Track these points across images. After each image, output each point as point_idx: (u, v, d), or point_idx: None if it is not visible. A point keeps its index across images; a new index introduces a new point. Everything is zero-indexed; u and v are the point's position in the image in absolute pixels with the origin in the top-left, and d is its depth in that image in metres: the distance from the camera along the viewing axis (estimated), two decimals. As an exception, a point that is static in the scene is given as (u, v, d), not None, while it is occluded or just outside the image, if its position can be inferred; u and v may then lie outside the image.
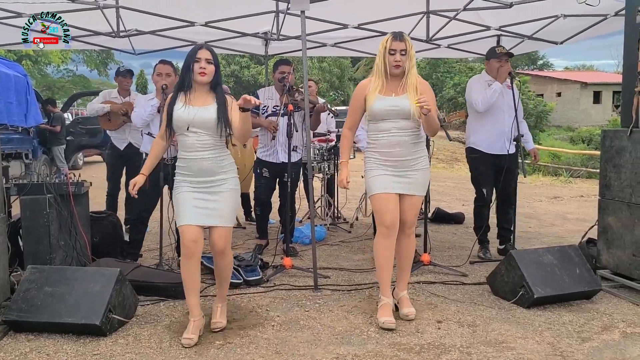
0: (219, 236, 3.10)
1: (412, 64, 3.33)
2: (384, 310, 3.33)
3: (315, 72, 30.65)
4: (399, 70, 3.31)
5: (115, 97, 5.76)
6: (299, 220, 6.68)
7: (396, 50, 3.28)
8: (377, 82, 3.36)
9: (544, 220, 7.12)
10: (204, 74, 3.04)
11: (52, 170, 10.80)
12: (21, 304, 3.10)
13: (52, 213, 3.84)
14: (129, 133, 5.61)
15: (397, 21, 5.52)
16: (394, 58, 3.29)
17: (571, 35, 5.80)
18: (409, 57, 3.30)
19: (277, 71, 4.84)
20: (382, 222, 3.33)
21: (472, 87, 4.79)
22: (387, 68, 3.31)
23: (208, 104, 3.07)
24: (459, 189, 10.42)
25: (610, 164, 3.95)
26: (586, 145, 24.42)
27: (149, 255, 4.91)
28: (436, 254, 4.94)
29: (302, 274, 4.33)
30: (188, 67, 3.06)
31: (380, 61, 3.34)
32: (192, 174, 3.07)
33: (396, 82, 3.36)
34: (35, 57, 21.92)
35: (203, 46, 3.11)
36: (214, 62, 3.08)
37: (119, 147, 5.67)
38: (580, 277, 3.66)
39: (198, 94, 3.10)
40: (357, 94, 3.47)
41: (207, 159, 3.05)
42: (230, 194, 3.13)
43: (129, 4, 4.84)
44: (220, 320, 3.24)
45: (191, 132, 3.03)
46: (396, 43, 3.28)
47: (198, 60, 3.04)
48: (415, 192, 3.40)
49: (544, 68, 46.89)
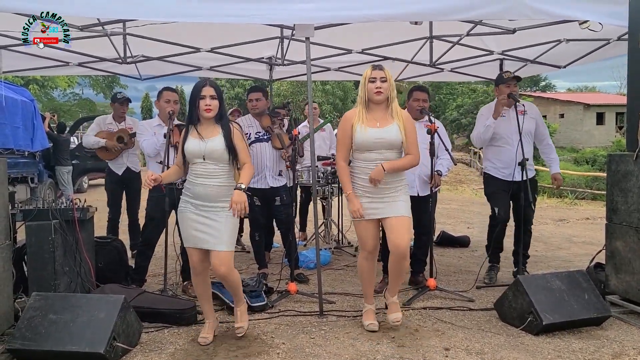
0: (220, 261, 3.24)
1: (394, 94, 3.50)
2: (367, 315, 3.73)
3: (319, 94, 30.90)
4: (381, 97, 3.46)
5: (110, 123, 5.78)
6: (304, 244, 6.65)
7: (376, 78, 3.45)
8: (361, 112, 3.51)
9: (550, 244, 7.07)
10: (209, 110, 3.25)
11: (57, 193, 10.83)
12: (25, 332, 3.08)
13: (57, 239, 3.83)
14: (127, 158, 5.68)
15: (401, 46, 5.58)
16: (374, 85, 3.45)
17: (574, 59, 5.83)
18: (390, 85, 3.46)
19: (247, 99, 4.95)
20: (364, 247, 3.64)
21: (478, 119, 4.88)
22: (369, 96, 3.47)
23: (215, 136, 3.28)
24: (463, 212, 10.39)
25: (617, 188, 3.93)
26: (590, 166, 24.39)
27: (153, 281, 4.89)
28: (442, 279, 4.90)
29: (307, 299, 4.29)
30: (194, 103, 3.27)
31: (362, 91, 3.52)
32: (194, 197, 3.29)
33: (380, 111, 3.52)
34: (42, 81, 22.18)
35: (207, 83, 3.29)
36: (218, 96, 3.29)
37: (116, 172, 5.70)
38: (589, 303, 3.62)
39: (205, 126, 3.32)
40: (344, 125, 3.57)
41: (211, 186, 3.26)
42: (227, 220, 3.26)
43: (135, 31, 4.90)
44: (241, 325, 3.48)
45: (203, 162, 3.26)
46: (376, 72, 3.46)
47: (203, 97, 3.25)
48: (396, 214, 3.50)
49: (547, 89, 47.16)
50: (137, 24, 4.62)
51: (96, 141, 5.60)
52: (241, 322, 3.50)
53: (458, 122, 32.22)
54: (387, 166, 3.43)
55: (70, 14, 3.39)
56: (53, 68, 5.97)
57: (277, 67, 6.39)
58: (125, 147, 5.61)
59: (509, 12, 3.67)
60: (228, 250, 3.26)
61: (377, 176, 3.41)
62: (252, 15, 3.53)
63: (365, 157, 3.51)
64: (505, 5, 3.61)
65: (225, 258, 3.24)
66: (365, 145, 3.48)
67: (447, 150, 4.52)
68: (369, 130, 3.45)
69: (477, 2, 3.62)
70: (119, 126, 5.74)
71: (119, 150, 5.59)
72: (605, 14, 3.81)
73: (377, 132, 3.46)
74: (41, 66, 5.84)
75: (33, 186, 10.06)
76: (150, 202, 4.46)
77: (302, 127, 6.62)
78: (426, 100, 4.54)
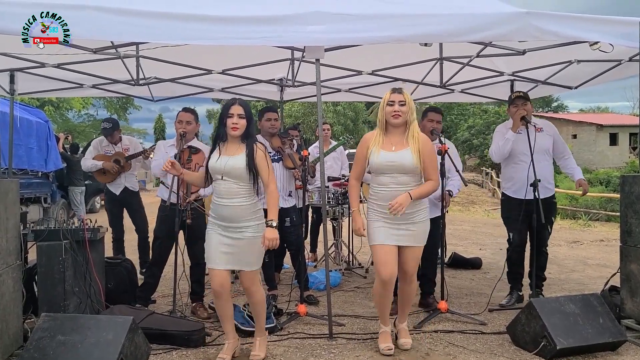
0: (245, 279, 3.42)
1: (413, 117, 3.49)
2: (383, 337, 3.64)
3: (330, 115, 31.03)
4: (399, 121, 3.46)
5: (106, 146, 5.91)
6: (314, 265, 6.61)
7: (395, 102, 3.46)
8: (379, 135, 3.54)
9: (564, 266, 6.97)
10: (235, 128, 3.29)
11: (69, 214, 10.90)
12: (33, 353, 3.07)
13: (67, 259, 3.85)
14: (125, 178, 5.78)
15: (411, 67, 5.59)
16: (392, 108, 3.45)
17: (585, 80, 5.80)
18: (409, 109, 3.46)
19: (264, 118, 4.94)
20: (379, 275, 3.49)
21: (494, 136, 4.90)
22: (387, 119, 3.48)
23: (237, 154, 3.31)
24: (475, 233, 10.30)
25: (631, 209, 3.88)
26: (604, 187, 24.10)
27: (162, 302, 4.87)
28: (453, 301, 4.83)
29: (317, 321, 4.25)
30: (222, 121, 3.33)
31: (380, 114, 3.53)
32: (220, 219, 3.33)
33: (398, 135, 3.52)
34: (57, 102, 22.51)
35: (236, 102, 3.35)
36: (246, 115, 3.32)
37: (114, 192, 5.79)
38: (604, 327, 3.54)
39: (230, 145, 3.37)
40: (361, 146, 3.60)
41: (233, 207, 3.29)
42: (249, 241, 3.31)
43: (148, 53, 4.97)
44: (258, 354, 3.45)
45: (223, 180, 3.29)
46: (394, 95, 3.48)
47: (231, 115, 3.30)
48: (414, 244, 3.53)
49: (559, 110, 47.01)
50: (150, 47, 4.69)
51: (93, 164, 5.72)
52: (258, 352, 3.48)
53: (470, 143, 32.14)
54: (414, 194, 3.39)
55: (85, 37, 3.45)
56: (67, 90, 6.05)
57: (288, 88, 6.43)
58: (122, 169, 5.69)
59: (518, 33, 3.68)
60: (252, 270, 3.38)
61: (404, 203, 3.33)
62: (263, 37, 3.57)
63: (380, 181, 3.51)
64: (515, 26, 3.63)
65: (249, 276, 3.38)
66: (378, 169, 3.49)
67: (457, 171, 4.51)
68: (382, 154, 3.46)
69: (486, 23, 3.64)
70: (115, 148, 5.86)
71: (116, 171, 5.66)
72: (615, 35, 3.80)
73: (390, 156, 3.45)
74: (56, 88, 5.93)
75: (46, 206, 10.15)
76: (157, 221, 4.53)
77: (313, 147, 6.63)
78: (440, 122, 4.57)
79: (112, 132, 5.91)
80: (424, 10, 3.74)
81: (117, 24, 3.37)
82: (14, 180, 3.60)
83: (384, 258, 3.46)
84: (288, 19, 3.56)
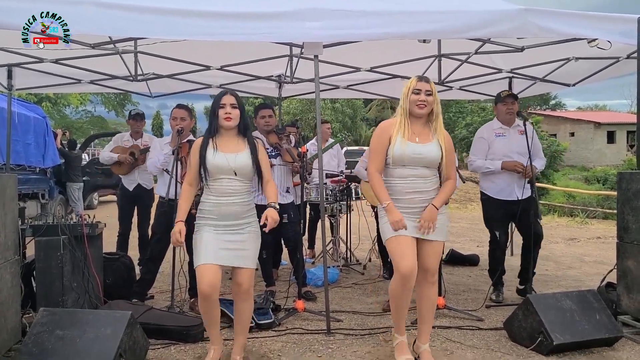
0: (244, 277, 3.19)
1: (439, 109, 3.25)
2: (400, 348, 3.30)
3: (328, 112, 30.98)
4: (424, 111, 3.18)
5: (127, 140, 5.89)
6: (312, 261, 6.63)
7: (421, 90, 3.17)
8: (403, 124, 3.21)
9: (561, 263, 6.99)
10: (229, 118, 3.14)
11: (67, 210, 10.89)
12: (32, 348, 3.07)
13: (65, 254, 3.85)
14: (138, 175, 5.75)
15: (410, 64, 5.60)
16: (418, 97, 3.17)
17: (583, 77, 5.82)
18: (435, 100, 3.20)
19: (258, 116, 4.93)
20: (398, 269, 3.11)
21: (476, 141, 4.88)
22: (411, 108, 3.20)
23: (241, 150, 3.17)
24: (473, 230, 10.31)
25: (628, 206, 3.89)
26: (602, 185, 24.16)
27: (160, 297, 4.88)
28: (451, 297, 4.85)
29: (315, 317, 4.26)
30: (214, 113, 3.18)
31: (404, 102, 3.22)
32: (217, 218, 3.13)
33: (419, 125, 3.24)
34: (55, 99, 22.44)
35: (227, 92, 3.23)
36: (239, 106, 3.18)
37: (128, 188, 5.77)
38: (600, 323, 3.56)
39: (226, 139, 3.20)
40: (380, 135, 3.27)
41: (235, 204, 3.13)
42: (253, 236, 3.21)
43: (146, 49, 4.97)
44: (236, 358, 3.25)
45: (228, 178, 3.12)
46: (421, 84, 3.19)
47: (223, 106, 3.16)
48: (434, 237, 3.21)
49: (557, 108, 46.99)
50: (148, 42, 4.68)
51: (110, 156, 5.72)
52: (236, 354, 3.28)
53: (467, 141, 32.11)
54: (438, 204, 3.17)
55: (83, 32, 3.44)
56: (65, 85, 6.04)
57: (286, 84, 6.43)
58: (136, 162, 5.67)
59: (518, 30, 3.69)
60: (252, 268, 3.22)
61: (432, 218, 3.14)
62: (262, 33, 3.57)
63: (400, 174, 3.21)
64: (514, 23, 3.63)
65: (250, 274, 3.21)
66: (402, 160, 3.17)
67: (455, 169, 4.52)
68: (409, 145, 3.16)
69: (485, 20, 3.64)
70: (135, 142, 5.85)
71: (129, 162, 5.65)
72: (613, 32, 3.81)
73: (417, 148, 3.17)
74: (53, 83, 5.92)
75: (44, 202, 10.13)
76: (155, 217, 4.55)
77: (311, 144, 6.64)
78: None
79: (141, 119, 5.90)
80: (423, 7, 3.75)
81: (115, 19, 3.36)
82: (11, 175, 3.60)
83: (401, 250, 3.11)
84: (287, 15, 3.56)
